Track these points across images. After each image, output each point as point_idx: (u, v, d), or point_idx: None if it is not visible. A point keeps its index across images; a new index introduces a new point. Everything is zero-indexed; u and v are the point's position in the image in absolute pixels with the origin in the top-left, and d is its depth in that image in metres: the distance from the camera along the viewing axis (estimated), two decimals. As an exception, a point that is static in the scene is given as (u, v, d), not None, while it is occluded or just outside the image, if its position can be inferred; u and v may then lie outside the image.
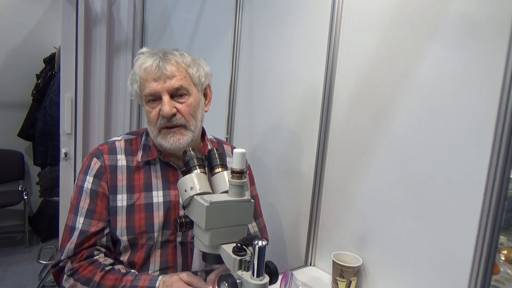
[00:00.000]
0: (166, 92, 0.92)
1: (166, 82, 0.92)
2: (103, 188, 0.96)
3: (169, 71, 0.92)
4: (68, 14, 1.97)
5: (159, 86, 0.92)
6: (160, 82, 0.92)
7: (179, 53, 0.97)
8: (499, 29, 0.85)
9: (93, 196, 0.95)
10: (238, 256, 0.72)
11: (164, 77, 0.92)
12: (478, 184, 0.88)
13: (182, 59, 0.95)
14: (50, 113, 2.75)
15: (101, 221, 0.94)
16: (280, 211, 1.49)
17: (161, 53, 0.95)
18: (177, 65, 0.94)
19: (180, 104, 0.94)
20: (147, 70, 0.93)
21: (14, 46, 3.23)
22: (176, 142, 0.94)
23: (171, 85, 0.92)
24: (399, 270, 1.08)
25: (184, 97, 0.95)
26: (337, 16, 1.22)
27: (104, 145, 1.01)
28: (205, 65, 1.02)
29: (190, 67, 0.96)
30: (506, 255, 0.99)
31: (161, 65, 0.92)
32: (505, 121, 0.82)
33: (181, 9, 2.04)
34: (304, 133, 1.38)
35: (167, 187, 0.99)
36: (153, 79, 0.92)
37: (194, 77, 0.97)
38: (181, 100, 0.95)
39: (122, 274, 0.89)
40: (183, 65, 0.95)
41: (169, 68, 0.92)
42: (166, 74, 0.92)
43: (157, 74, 0.92)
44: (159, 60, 0.93)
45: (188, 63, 0.96)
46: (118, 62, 2.27)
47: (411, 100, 1.04)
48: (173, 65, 0.93)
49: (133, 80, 0.98)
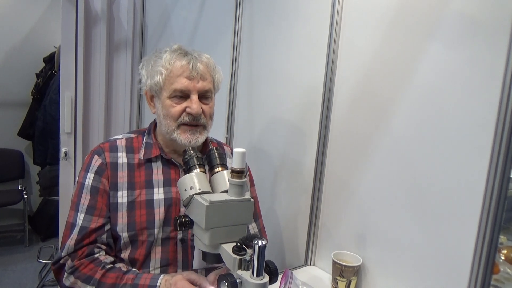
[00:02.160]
0: (196, 91, 0.96)
1: (199, 82, 0.96)
2: (104, 184, 0.97)
3: (202, 73, 0.97)
4: (68, 13, 1.97)
5: (191, 85, 0.96)
6: (194, 81, 0.96)
7: (207, 57, 1.02)
8: (499, 29, 0.85)
9: (94, 192, 0.96)
10: (238, 256, 0.72)
11: (198, 77, 0.96)
12: (478, 183, 0.88)
13: (209, 64, 1.01)
14: (50, 112, 2.75)
15: (101, 217, 0.95)
16: (280, 210, 1.49)
17: (196, 53, 1.00)
18: (208, 68, 1.00)
19: (205, 106, 0.99)
20: (183, 67, 0.96)
21: (14, 45, 3.23)
22: (195, 140, 0.98)
23: (203, 86, 0.97)
24: (399, 270, 1.08)
25: (209, 100, 1.00)
26: (337, 16, 1.22)
27: (106, 143, 1.03)
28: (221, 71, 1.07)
29: (214, 72, 1.02)
30: (506, 255, 0.99)
31: (197, 66, 0.96)
32: (505, 121, 0.82)
33: (181, 8, 2.04)
34: (304, 132, 1.38)
35: (168, 184, 1.00)
36: (187, 77, 0.95)
37: (216, 83, 1.03)
38: (206, 102, 1.00)
39: (123, 272, 0.90)
40: (211, 69, 1.01)
41: (203, 70, 0.97)
42: (201, 75, 0.96)
43: (192, 73, 0.95)
44: (194, 60, 0.97)
45: (214, 68, 1.02)
46: (118, 61, 2.27)
47: (411, 100, 1.04)
48: (205, 67, 0.99)
49: (156, 72, 0.97)
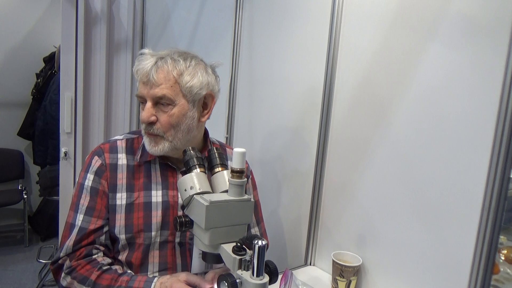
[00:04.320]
0: (150, 98, 0.91)
1: (152, 88, 0.91)
2: (103, 186, 0.96)
3: (155, 79, 0.90)
4: (68, 13, 1.97)
5: (145, 91, 0.92)
6: (147, 87, 0.91)
7: (174, 61, 0.92)
8: (499, 29, 0.85)
9: (93, 193, 0.96)
10: (238, 256, 0.72)
11: (150, 83, 0.90)
12: (478, 183, 0.88)
13: (176, 67, 0.92)
14: (50, 112, 2.75)
15: (100, 218, 0.94)
16: (280, 210, 1.49)
17: (159, 57, 0.93)
18: (166, 74, 0.91)
19: (162, 113, 0.92)
20: (139, 72, 0.93)
21: (14, 45, 3.23)
22: (152, 149, 0.95)
23: (154, 93, 0.90)
24: (399, 270, 1.08)
25: (168, 107, 0.92)
26: (337, 16, 1.22)
27: (106, 143, 1.02)
28: (210, 73, 0.97)
29: (183, 76, 0.92)
30: (506, 255, 0.99)
31: (151, 71, 0.90)
32: (505, 121, 0.82)
33: (181, 9, 2.04)
34: (304, 133, 1.38)
35: (166, 187, 0.99)
36: (143, 83, 0.92)
37: (184, 87, 0.92)
38: (165, 109, 0.92)
39: (118, 275, 0.89)
40: (174, 74, 0.91)
41: (156, 76, 0.90)
42: (152, 81, 0.90)
43: (147, 78, 0.91)
44: (151, 65, 0.91)
45: (181, 72, 0.92)
46: (118, 61, 2.27)
47: (411, 100, 1.04)
48: (162, 72, 0.91)
49: None
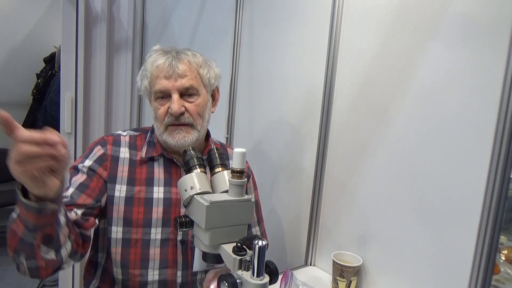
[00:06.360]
0: (176, 90, 0.94)
1: (177, 80, 0.93)
2: (102, 172, 0.95)
3: (181, 70, 0.93)
4: (68, 13, 1.97)
5: (170, 84, 0.93)
6: (171, 80, 0.93)
7: (192, 53, 0.98)
8: (499, 29, 0.85)
9: (90, 174, 0.94)
10: (238, 256, 0.72)
11: (175, 75, 0.93)
12: (479, 183, 0.88)
13: (194, 59, 0.97)
14: (50, 112, 2.75)
15: (90, 197, 0.90)
16: (280, 210, 1.49)
17: (174, 51, 0.97)
18: (189, 65, 0.95)
19: (189, 104, 0.96)
20: (160, 67, 0.94)
21: (14, 45, 3.23)
22: (182, 140, 0.95)
23: (181, 84, 0.93)
24: (399, 270, 1.08)
25: (193, 97, 0.96)
26: (337, 16, 1.22)
27: (109, 136, 1.02)
28: (215, 66, 1.03)
29: (202, 68, 0.98)
30: (507, 255, 0.99)
31: (173, 64, 0.93)
32: (506, 121, 0.82)
33: (182, 9, 2.04)
34: (305, 133, 1.38)
35: (169, 183, 0.99)
36: (165, 77, 0.93)
37: (205, 78, 0.98)
38: (190, 99, 0.96)
39: None
40: (195, 65, 0.96)
41: (181, 67, 0.93)
42: (178, 73, 0.93)
43: (169, 72, 0.93)
44: (171, 59, 0.94)
45: (200, 64, 0.97)
46: (118, 61, 2.26)
47: (411, 100, 1.04)
48: (185, 64, 0.95)
49: (144, 76, 0.99)
